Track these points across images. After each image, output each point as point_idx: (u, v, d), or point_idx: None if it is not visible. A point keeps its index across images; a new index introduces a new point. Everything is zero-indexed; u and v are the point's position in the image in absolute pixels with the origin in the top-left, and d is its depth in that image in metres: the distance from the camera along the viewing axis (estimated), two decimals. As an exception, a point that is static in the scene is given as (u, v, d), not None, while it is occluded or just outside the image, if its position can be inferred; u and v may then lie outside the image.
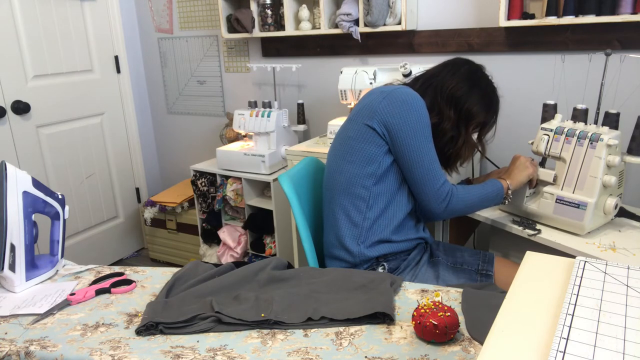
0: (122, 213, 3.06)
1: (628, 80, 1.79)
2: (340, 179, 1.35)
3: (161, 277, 1.22)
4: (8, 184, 1.17)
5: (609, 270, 0.71)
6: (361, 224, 1.33)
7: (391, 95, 1.29)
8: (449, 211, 1.32)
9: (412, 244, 1.39)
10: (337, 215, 1.36)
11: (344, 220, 1.34)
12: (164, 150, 3.30)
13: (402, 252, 1.36)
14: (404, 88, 1.32)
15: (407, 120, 1.26)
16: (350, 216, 1.34)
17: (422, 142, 1.27)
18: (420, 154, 1.27)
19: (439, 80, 1.38)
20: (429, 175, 1.28)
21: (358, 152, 1.32)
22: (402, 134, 1.27)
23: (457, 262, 1.40)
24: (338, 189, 1.36)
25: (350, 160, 1.33)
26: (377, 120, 1.28)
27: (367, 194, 1.32)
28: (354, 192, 1.33)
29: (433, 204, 1.30)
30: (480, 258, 1.41)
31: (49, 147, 2.58)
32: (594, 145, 1.31)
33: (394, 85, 1.37)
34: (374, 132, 1.29)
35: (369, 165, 1.31)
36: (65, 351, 0.93)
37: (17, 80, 2.40)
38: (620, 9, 1.67)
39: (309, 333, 0.95)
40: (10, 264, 1.17)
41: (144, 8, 3.01)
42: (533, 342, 0.58)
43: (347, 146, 1.34)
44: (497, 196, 1.38)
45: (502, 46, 2.02)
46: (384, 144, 1.29)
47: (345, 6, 2.15)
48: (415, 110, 1.27)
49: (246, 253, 2.53)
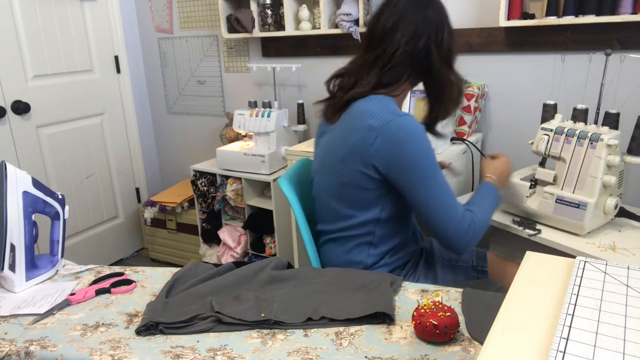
0: (122, 213, 3.06)
1: (628, 80, 1.79)
2: (340, 224, 1.28)
3: (161, 277, 1.22)
4: (8, 184, 1.17)
5: (609, 270, 0.71)
6: (365, 261, 1.28)
7: (384, 132, 1.12)
8: (473, 243, 1.19)
9: (410, 256, 1.35)
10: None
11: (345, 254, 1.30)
12: (164, 150, 3.30)
13: (399, 266, 1.33)
14: (395, 119, 1.13)
15: (410, 161, 1.12)
16: (352, 253, 1.29)
17: (431, 180, 1.14)
18: (432, 193, 1.14)
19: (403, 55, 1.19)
20: (447, 212, 1.15)
21: (356, 198, 1.22)
22: (406, 177, 1.14)
23: (452, 260, 1.38)
24: (337, 230, 1.29)
25: (350, 207, 1.24)
26: (372, 166, 1.16)
27: (370, 238, 1.26)
28: (356, 236, 1.27)
29: (458, 240, 1.16)
30: (474, 255, 1.39)
31: (49, 147, 2.58)
32: (594, 145, 1.31)
33: (379, 109, 1.16)
34: (371, 179, 1.18)
35: (371, 210, 1.23)
36: (65, 351, 0.93)
37: (17, 80, 2.40)
38: (620, 9, 1.67)
39: (309, 333, 0.95)
40: (10, 264, 1.17)
41: (144, 8, 3.01)
42: (533, 342, 0.58)
43: (343, 193, 1.24)
44: (498, 202, 1.31)
45: (502, 46, 2.02)
46: (383, 185, 1.19)
47: (345, 6, 2.15)
48: (415, 147, 1.12)
49: (246, 253, 2.53)
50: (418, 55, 1.19)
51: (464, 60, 2.11)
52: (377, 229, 1.26)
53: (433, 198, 1.14)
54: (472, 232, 1.17)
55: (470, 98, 1.99)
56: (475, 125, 2.09)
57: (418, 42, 1.18)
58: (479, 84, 2.02)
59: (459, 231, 1.15)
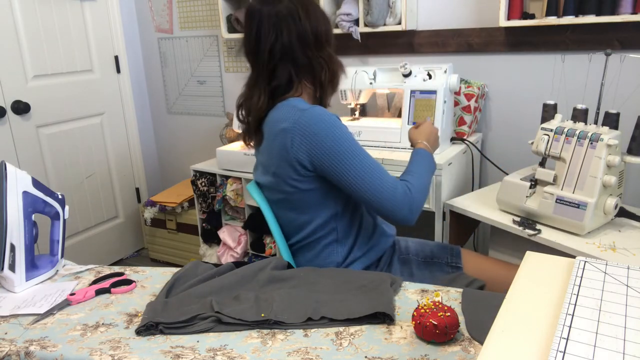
0: (122, 213, 3.06)
1: (628, 80, 1.79)
2: (303, 233, 1.31)
3: (161, 277, 1.22)
4: (8, 184, 1.17)
5: (609, 270, 0.71)
6: (335, 259, 1.32)
7: (296, 130, 1.16)
8: (417, 208, 1.21)
9: (380, 252, 1.37)
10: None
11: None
12: (164, 150, 3.30)
13: (371, 265, 1.36)
14: (302, 114, 1.17)
15: (328, 146, 1.16)
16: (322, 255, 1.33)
17: (353, 159, 1.16)
18: (358, 171, 1.16)
19: (276, 59, 1.21)
20: (377, 186, 1.17)
21: (306, 202, 1.26)
22: (330, 164, 1.17)
23: (427, 257, 1.41)
24: (303, 238, 1.33)
25: (304, 212, 1.28)
26: (299, 164, 1.19)
27: (335, 235, 1.30)
28: (321, 238, 1.30)
29: (399, 211, 1.18)
30: (448, 251, 1.41)
31: (49, 147, 2.58)
32: (594, 145, 1.31)
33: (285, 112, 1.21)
34: (306, 179, 1.21)
35: (325, 209, 1.27)
36: (65, 351, 0.93)
37: (17, 80, 2.40)
38: (620, 9, 1.67)
39: (309, 333, 0.95)
40: (10, 264, 1.17)
41: (144, 8, 3.01)
42: (533, 342, 0.58)
43: (291, 202, 1.28)
44: (433, 165, 1.33)
45: (502, 46, 2.02)
46: (320, 181, 1.22)
47: (345, 6, 2.15)
48: (329, 132, 1.16)
49: (246, 253, 2.53)
50: (289, 51, 1.21)
51: (464, 60, 2.12)
52: (338, 224, 1.30)
53: (360, 176, 1.16)
54: (410, 200, 1.19)
55: (470, 98, 1.99)
56: (475, 125, 2.09)
57: (282, 38, 1.20)
58: (479, 84, 2.02)
59: (394, 201, 1.17)
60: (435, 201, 1.74)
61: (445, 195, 1.77)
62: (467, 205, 1.62)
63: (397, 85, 1.92)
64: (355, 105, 2.07)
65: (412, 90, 1.87)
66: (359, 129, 1.96)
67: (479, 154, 2.11)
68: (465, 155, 1.99)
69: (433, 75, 1.85)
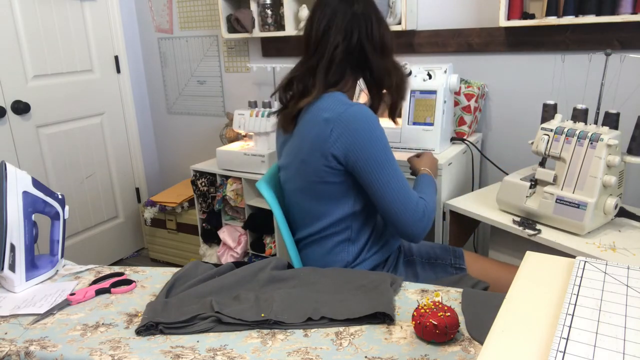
0: (122, 213, 3.06)
1: (628, 80, 1.79)
2: (317, 225, 1.32)
3: (161, 277, 1.22)
4: (8, 184, 1.17)
5: (609, 270, 0.71)
6: (345, 258, 1.32)
7: (339, 122, 1.18)
8: (427, 229, 1.24)
9: (388, 252, 1.39)
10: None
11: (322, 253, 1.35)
12: (164, 150, 3.30)
13: (379, 264, 1.36)
14: (348, 108, 1.19)
15: (365, 146, 1.17)
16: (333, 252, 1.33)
17: (386, 165, 1.18)
18: (388, 178, 1.18)
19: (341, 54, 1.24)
20: (403, 198, 1.19)
21: (327, 194, 1.27)
22: (363, 162, 1.17)
23: (431, 258, 1.42)
24: (316, 232, 1.33)
25: (323, 203, 1.28)
26: (332, 156, 1.19)
27: (348, 233, 1.31)
28: (335, 234, 1.31)
29: (414, 226, 1.21)
30: (451, 253, 1.43)
31: (49, 147, 2.58)
32: (594, 145, 1.31)
33: (331, 103, 1.22)
34: (335, 171, 1.22)
35: (344, 204, 1.27)
36: (65, 351, 0.93)
37: (17, 80, 2.40)
38: (620, 9, 1.67)
39: (309, 333, 0.95)
40: (10, 264, 1.17)
41: (144, 8, 3.01)
42: (533, 342, 0.58)
43: (313, 190, 1.28)
44: (435, 187, 1.37)
45: (502, 46, 2.02)
46: (348, 176, 1.23)
47: (345, 6, 2.15)
48: (370, 132, 1.17)
49: (246, 253, 2.53)
50: (354, 51, 1.25)
51: (464, 60, 2.12)
52: (354, 222, 1.30)
53: (388, 183, 1.18)
54: (427, 219, 1.22)
55: (470, 98, 1.99)
56: (475, 125, 2.09)
57: (351, 38, 1.24)
58: (479, 84, 2.02)
59: (414, 217, 1.20)
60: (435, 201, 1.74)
61: (445, 195, 1.77)
62: (467, 206, 1.62)
63: (397, 85, 1.92)
64: (355, 105, 2.07)
65: (412, 90, 1.87)
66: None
67: (479, 154, 2.11)
68: (465, 155, 1.99)
69: (433, 75, 1.85)
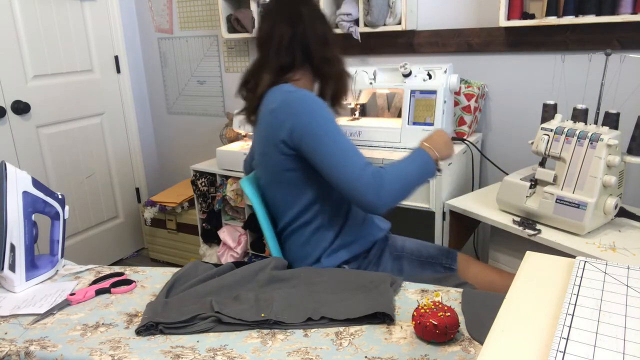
0: (122, 213, 3.06)
1: (628, 80, 1.79)
2: (290, 213, 1.37)
3: (161, 277, 1.22)
4: (8, 184, 1.17)
5: (609, 270, 0.71)
6: (321, 244, 1.36)
7: (282, 110, 1.25)
8: (387, 196, 1.18)
9: (369, 243, 1.40)
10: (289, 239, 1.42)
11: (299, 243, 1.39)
12: (164, 150, 3.30)
13: (359, 255, 1.38)
14: (288, 95, 1.26)
15: (307, 125, 1.21)
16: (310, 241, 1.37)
17: (329, 139, 1.20)
18: (332, 151, 1.19)
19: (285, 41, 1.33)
20: (348, 167, 1.17)
21: (290, 181, 1.31)
22: (308, 142, 1.21)
23: (422, 256, 1.42)
24: (291, 221, 1.38)
25: (289, 192, 1.34)
26: (282, 143, 1.25)
27: (320, 220, 1.35)
28: (308, 223, 1.35)
29: (365, 194, 1.16)
30: (445, 254, 1.43)
31: (49, 147, 2.58)
32: (594, 145, 1.31)
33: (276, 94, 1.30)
34: (289, 158, 1.26)
35: (309, 190, 1.32)
36: (65, 351, 0.93)
37: (17, 80, 2.40)
38: (620, 9, 1.67)
39: (309, 333, 0.95)
40: (10, 264, 1.17)
41: (144, 8, 3.01)
42: (533, 342, 0.58)
43: (278, 180, 1.34)
44: (429, 167, 1.27)
45: (502, 46, 2.02)
46: (303, 161, 1.26)
47: (345, 6, 2.15)
48: (310, 112, 1.22)
49: (246, 253, 2.53)
50: (299, 38, 1.33)
51: (464, 60, 2.12)
52: (324, 208, 1.34)
53: (332, 155, 1.19)
54: (379, 185, 1.16)
55: (470, 98, 1.99)
56: (475, 125, 2.09)
57: (296, 28, 1.33)
58: (479, 84, 2.02)
59: (360, 182, 1.16)
60: (435, 201, 1.74)
61: (445, 195, 1.77)
62: (467, 205, 1.62)
63: (397, 85, 1.92)
64: (355, 105, 2.07)
65: (412, 90, 1.87)
66: (359, 129, 1.96)
67: (479, 154, 2.11)
68: (465, 155, 1.99)
69: (433, 75, 1.85)
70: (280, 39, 1.33)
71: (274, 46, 1.33)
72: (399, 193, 1.20)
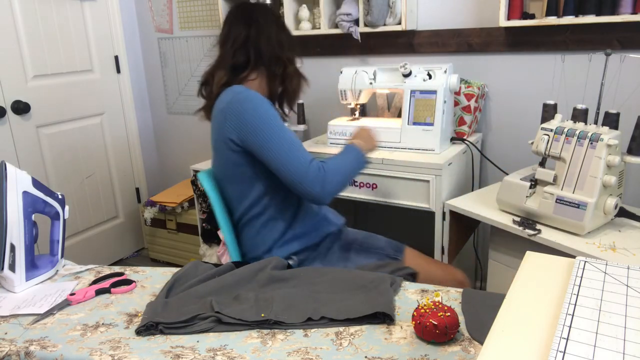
0: (122, 213, 3.06)
1: (628, 80, 1.79)
2: (241, 206, 1.47)
3: (161, 277, 1.22)
4: (8, 184, 1.17)
5: (609, 270, 0.71)
6: (273, 235, 1.45)
7: (229, 110, 1.35)
8: (329, 188, 1.31)
9: (319, 236, 1.49)
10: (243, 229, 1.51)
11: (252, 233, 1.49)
12: (164, 150, 3.30)
13: (310, 247, 1.47)
14: (236, 96, 1.36)
15: (252, 123, 1.31)
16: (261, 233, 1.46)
17: (274, 135, 1.30)
18: (277, 146, 1.30)
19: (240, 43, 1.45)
20: (294, 160, 1.29)
21: (239, 176, 1.42)
22: (254, 139, 1.32)
23: (371, 247, 1.52)
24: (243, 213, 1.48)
25: (238, 185, 1.44)
26: (230, 140, 1.35)
27: (270, 212, 1.44)
28: (258, 215, 1.45)
29: (311, 187, 1.29)
30: (392, 246, 1.53)
31: (49, 147, 2.58)
32: (594, 145, 1.31)
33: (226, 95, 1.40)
34: (237, 154, 1.37)
35: (257, 183, 1.41)
36: (65, 351, 0.93)
37: (17, 80, 2.40)
38: (620, 9, 1.67)
39: (309, 333, 0.95)
40: (10, 264, 1.17)
41: (144, 8, 3.01)
42: (533, 342, 0.58)
43: (228, 175, 1.46)
44: (360, 159, 1.43)
45: (502, 46, 2.02)
46: (251, 156, 1.36)
47: (345, 6, 2.15)
48: (254, 111, 1.32)
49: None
50: (253, 42, 1.45)
51: (464, 60, 2.12)
52: (273, 200, 1.43)
53: (279, 151, 1.30)
54: (322, 177, 1.30)
55: (470, 98, 1.99)
56: (475, 125, 2.09)
57: (250, 29, 1.45)
58: (479, 84, 2.02)
59: (306, 176, 1.29)
60: (435, 201, 1.74)
61: (445, 195, 1.77)
62: (467, 205, 1.62)
63: (397, 85, 1.92)
64: (355, 105, 2.07)
65: (412, 90, 1.87)
66: (359, 129, 1.96)
67: (479, 154, 2.11)
68: (465, 155, 1.99)
69: (433, 75, 1.85)
70: (235, 39, 1.44)
71: (229, 46, 1.45)
72: (340, 184, 1.36)
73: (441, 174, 1.71)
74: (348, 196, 1.93)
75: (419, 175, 1.75)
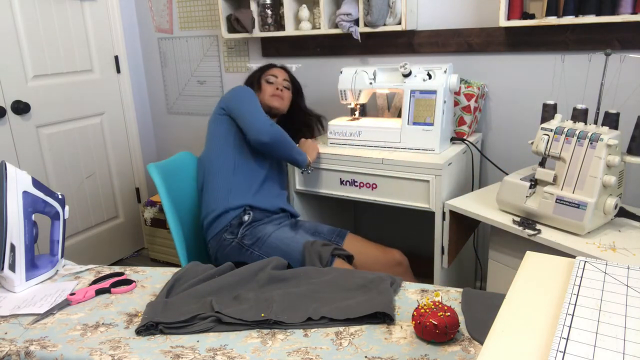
0: (122, 213, 3.06)
1: (628, 80, 1.79)
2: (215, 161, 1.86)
3: (161, 277, 1.22)
4: (8, 184, 1.17)
5: (609, 270, 0.71)
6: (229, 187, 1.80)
7: (224, 96, 1.91)
8: (274, 133, 1.74)
9: (274, 207, 1.83)
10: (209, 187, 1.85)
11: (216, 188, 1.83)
12: (164, 150, 3.30)
13: (265, 210, 1.79)
14: (230, 89, 1.92)
15: (234, 97, 1.84)
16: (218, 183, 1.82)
17: (245, 104, 1.80)
18: (248, 109, 1.79)
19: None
20: (257, 118, 1.76)
21: (217, 136, 1.86)
22: (233, 105, 1.83)
23: (317, 232, 1.84)
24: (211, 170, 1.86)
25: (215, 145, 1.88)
26: (221, 109, 1.88)
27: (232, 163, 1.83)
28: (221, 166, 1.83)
29: (261, 126, 1.74)
30: (336, 233, 1.84)
31: (49, 147, 2.58)
32: (594, 145, 1.31)
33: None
34: (221, 116, 1.86)
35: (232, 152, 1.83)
36: (65, 351, 0.93)
37: (17, 80, 2.40)
38: (620, 9, 1.67)
39: (309, 333, 0.95)
40: (10, 264, 1.17)
41: (144, 8, 3.01)
42: (533, 342, 0.58)
43: (214, 144, 1.89)
44: (301, 157, 1.83)
45: (502, 46, 2.02)
46: (229, 117, 1.85)
47: (345, 6, 2.15)
48: (237, 91, 1.86)
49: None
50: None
51: (464, 60, 2.12)
52: (242, 169, 1.82)
53: (248, 112, 1.79)
54: (272, 127, 1.75)
55: (470, 98, 1.99)
56: (475, 125, 2.09)
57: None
58: (479, 84, 2.02)
59: (265, 127, 1.74)
60: (435, 201, 1.74)
61: (445, 195, 1.77)
62: (467, 205, 1.62)
63: (397, 85, 1.92)
64: (355, 105, 2.07)
65: (412, 90, 1.87)
66: (358, 129, 1.96)
67: (479, 154, 2.11)
68: (465, 155, 1.99)
69: (433, 75, 1.85)
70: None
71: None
72: (278, 136, 1.76)
73: (441, 174, 1.71)
74: (348, 196, 1.93)
75: (419, 175, 1.75)
